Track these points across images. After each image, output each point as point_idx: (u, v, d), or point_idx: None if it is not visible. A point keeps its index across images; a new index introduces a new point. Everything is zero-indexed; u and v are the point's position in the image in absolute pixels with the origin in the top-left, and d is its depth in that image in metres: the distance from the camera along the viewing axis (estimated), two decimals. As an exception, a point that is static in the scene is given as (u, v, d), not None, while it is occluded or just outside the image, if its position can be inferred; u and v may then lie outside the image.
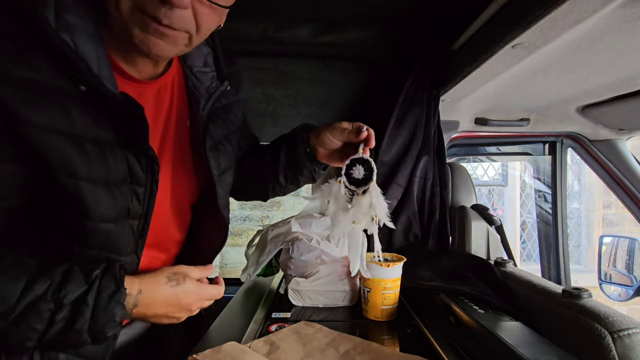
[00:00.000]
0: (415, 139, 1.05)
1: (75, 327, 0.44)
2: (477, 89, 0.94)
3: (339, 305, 0.79)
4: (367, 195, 0.61)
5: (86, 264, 0.47)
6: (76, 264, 0.46)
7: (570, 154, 1.37)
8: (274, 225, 0.89)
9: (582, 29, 0.59)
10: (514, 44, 0.64)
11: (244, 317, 0.73)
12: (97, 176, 0.49)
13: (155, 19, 0.48)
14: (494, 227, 0.97)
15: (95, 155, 0.48)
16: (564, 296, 0.60)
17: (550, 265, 1.44)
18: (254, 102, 1.20)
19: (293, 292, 0.79)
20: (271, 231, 0.87)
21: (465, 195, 1.07)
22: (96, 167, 0.48)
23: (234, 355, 0.53)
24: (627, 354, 0.48)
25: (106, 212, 0.50)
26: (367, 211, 0.61)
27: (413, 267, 0.84)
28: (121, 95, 0.50)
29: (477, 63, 0.76)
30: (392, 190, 1.03)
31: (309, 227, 0.84)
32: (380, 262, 0.71)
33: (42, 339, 0.43)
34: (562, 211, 1.41)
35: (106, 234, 0.51)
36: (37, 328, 0.42)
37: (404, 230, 1.05)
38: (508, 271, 0.78)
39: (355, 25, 0.96)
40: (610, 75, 0.84)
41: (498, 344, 0.52)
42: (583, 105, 1.08)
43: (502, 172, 3.49)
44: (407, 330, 0.68)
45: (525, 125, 1.21)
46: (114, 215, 0.51)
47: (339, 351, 0.57)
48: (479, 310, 0.64)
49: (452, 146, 1.41)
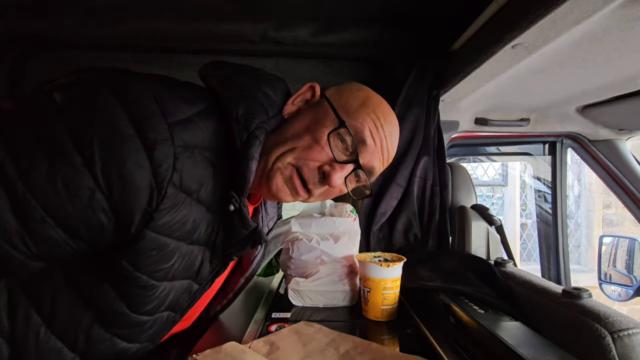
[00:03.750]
0: (415, 139, 1.05)
1: None
2: (477, 89, 0.94)
3: (339, 305, 0.79)
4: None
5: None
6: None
7: (570, 154, 1.37)
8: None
9: (582, 29, 0.59)
10: (514, 44, 0.64)
11: (244, 317, 0.73)
12: (176, 277, 0.50)
13: (306, 187, 0.54)
14: (494, 227, 0.97)
15: (185, 255, 0.50)
16: (564, 296, 0.60)
17: (550, 265, 1.44)
18: None
19: (293, 292, 0.79)
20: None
21: (465, 195, 1.07)
22: (179, 270, 0.50)
23: (234, 355, 0.53)
24: (627, 354, 0.48)
25: (155, 307, 0.51)
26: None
27: (413, 267, 0.84)
28: (254, 223, 0.53)
29: (477, 63, 0.76)
30: (392, 190, 1.03)
31: (309, 227, 0.84)
32: (380, 262, 0.71)
33: None
34: (562, 211, 1.41)
35: (137, 325, 0.51)
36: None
37: (404, 230, 1.05)
38: (508, 271, 0.78)
39: (355, 25, 0.96)
40: (610, 75, 0.84)
41: (498, 344, 0.52)
42: (583, 105, 1.08)
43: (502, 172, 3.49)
44: (407, 330, 0.68)
45: (525, 125, 1.21)
46: (157, 309, 0.52)
47: (339, 351, 0.57)
48: (479, 310, 0.64)
49: (452, 146, 1.41)
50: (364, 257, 0.75)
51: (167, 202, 0.44)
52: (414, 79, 1.04)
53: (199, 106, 0.49)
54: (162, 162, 0.43)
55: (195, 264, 0.52)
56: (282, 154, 0.54)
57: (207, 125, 0.48)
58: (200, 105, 0.49)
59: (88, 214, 0.42)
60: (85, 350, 0.48)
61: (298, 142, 0.54)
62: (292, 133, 0.55)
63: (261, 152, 0.53)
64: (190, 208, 0.47)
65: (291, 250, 0.79)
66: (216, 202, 0.50)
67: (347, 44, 1.05)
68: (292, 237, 0.81)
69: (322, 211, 0.95)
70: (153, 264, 0.47)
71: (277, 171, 0.54)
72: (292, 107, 0.56)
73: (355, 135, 0.54)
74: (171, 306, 0.53)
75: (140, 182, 0.42)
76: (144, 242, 0.45)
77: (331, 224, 0.85)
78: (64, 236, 0.42)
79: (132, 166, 0.41)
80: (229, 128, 0.50)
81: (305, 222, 0.85)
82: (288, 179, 0.54)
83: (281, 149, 0.54)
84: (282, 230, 0.85)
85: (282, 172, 0.54)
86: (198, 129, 0.47)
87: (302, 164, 0.54)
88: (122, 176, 0.41)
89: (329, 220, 0.86)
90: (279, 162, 0.54)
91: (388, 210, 1.04)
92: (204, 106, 0.49)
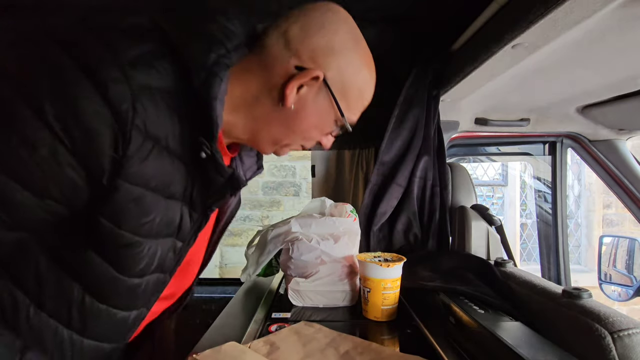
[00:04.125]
0: (415, 139, 1.05)
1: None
2: (477, 89, 0.94)
3: (339, 305, 0.79)
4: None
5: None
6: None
7: (570, 154, 1.37)
8: (274, 225, 0.89)
9: (583, 29, 0.59)
10: (514, 44, 0.64)
11: (244, 317, 0.73)
12: (159, 233, 0.49)
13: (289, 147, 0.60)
14: (494, 227, 0.97)
15: (164, 211, 0.48)
16: (564, 296, 0.60)
17: (550, 265, 1.44)
18: None
19: (293, 292, 0.79)
20: (271, 231, 0.87)
21: (465, 195, 1.07)
22: (161, 226, 0.48)
23: (234, 355, 0.53)
24: (627, 354, 0.48)
25: (145, 267, 0.49)
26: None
27: (413, 267, 0.84)
28: (230, 169, 0.52)
29: (477, 63, 0.76)
30: (392, 190, 1.03)
31: (309, 227, 0.84)
32: (380, 262, 0.71)
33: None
34: (562, 211, 1.41)
35: (128, 289, 0.49)
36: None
37: (404, 230, 1.05)
38: (508, 271, 0.78)
39: (355, 25, 0.96)
40: (611, 75, 0.84)
41: (498, 344, 0.52)
42: (583, 105, 1.08)
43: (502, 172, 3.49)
44: (407, 330, 0.68)
45: (525, 125, 1.21)
46: (147, 269, 0.50)
47: (339, 351, 0.57)
48: (479, 310, 0.64)
49: (452, 146, 1.41)
50: (364, 257, 0.75)
51: (133, 147, 0.42)
52: (414, 79, 1.04)
53: (150, 44, 0.45)
54: (120, 102, 0.40)
55: (175, 220, 0.51)
56: (287, 144, 0.59)
57: (162, 65, 0.45)
58: (151, 43, 0.46)
59: (55, 171, 0.40)
60: (82, 326, 0.47)
61: (306, 136, 0.58)
62: (301, 128, 0.56)
63: (266, 138, 0.57)
64: (161, 159, 0.45)
65: (291, 250, 0.79)
66: (187, 152, 0.48)
67: None
68: (292, 237, 0.81)
69: (322, 211, 0.95)
70: (133, 218, 0.45)
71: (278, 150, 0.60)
72: (295, 96, 0.53)
73: (351, 123, 0.59)
74: (159, 267, 0.52)
75: (100, 127, 0.40)
76: (119, 195, 0.43)
77: (331, 224, 0.85)
78: (34, 199, 0.40)
79: (89, 111, 0.39)
80: (184, 67, 0.46)
81: (305, 222, 0.85)
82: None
83: (289, 139, 0.58)
84: (282, 230, 0.85)
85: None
86: (153, 69, 0.44)
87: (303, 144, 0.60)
88: (80, 124, 0.39)
89: (329, 220, 0.86)
90: (286, 148, 0.60)
91: (388, 210, 1.04)
92: (155, 44, 0.46)
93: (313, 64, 0.52)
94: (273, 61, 0.52)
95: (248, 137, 0.57)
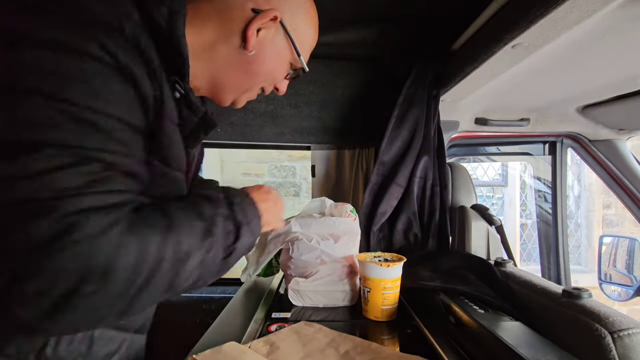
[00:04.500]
0: (415, 139, 1.05)
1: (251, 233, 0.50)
2: (477, 89, 0.94)
3: (339, 305, 0.79)
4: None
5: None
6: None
7: (570, 154, 1.37)
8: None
9: (583, 29, 0.59)
10: (514, 44, 0.64)
11: (244, 317, 0.73)
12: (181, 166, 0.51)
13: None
14: (494, 227, 0.97)
15: (179, 148, 0.50)
16: (564, 296, 0.60)
17: (550, 265, 1.44)
18: (254, 102, 1.20)
19: (293, 292, 0.79)
20: (271, 231, 0.87)
21: (465, 195, 1.07)
22: (180, 159, 0.50)
23: (234, 355, 0.53)
24: (627, 354, 0.48)
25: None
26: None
27: (413, 267, 0.84)
28: (203, 107, 0.53)
29: (477, 63, 0.76)
30: (392, 190, 1.04)
31: (309, 227, 0.84)
32: (380, 262, 0.71)
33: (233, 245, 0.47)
34: (562, 211, 1.41)
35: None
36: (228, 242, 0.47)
37: (404, 230, 1.05)
38: (508, 271, 0.78)
39: (355, 25, 0.96)
40: (611, 75, 0.84)
41: (498, 344, 0.52)
42: (583, 105, 1.08)
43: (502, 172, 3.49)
44: (407, 330, 0.68)
45: (525, 125, 1.21)
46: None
47: (339, 351, 0.57)
48: (479, 310, 0.64)
49: (452, 146, 1.41)
50: (364, 257, 0.75)
51: (163, 84, 0.45)
52: (414, 79, 1.04)
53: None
54: (139, 41, 0.41)
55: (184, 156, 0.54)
56: (247, 90, 0.58)
57: (127, 7, 0.43)
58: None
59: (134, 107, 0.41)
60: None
61: (266, 79, 0.58)
62: (262, 72, 0.56)
63: (227, 86, 0.56)
64: (168, 97, 0.47)
65: (291, 250, 0.79)
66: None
67: (347, 44, 1.05)
68: (292, 237, 0.81)
69: (322, 211, 0.95)
70: (168, 150, 0.47)
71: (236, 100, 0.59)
72: (255, 40, 0.53)
73: (305, 63, 0.59)
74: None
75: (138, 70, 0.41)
76: (164, 135, 0.45)
77: (331, 224, 0.85)
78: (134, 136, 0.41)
79: (127, 56, 0.40)
80: (143, 6, 0.45)
81: (305, 222, 0.85)
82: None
83: (248, 84, 0.57)
84: (282, 230, 0.85)
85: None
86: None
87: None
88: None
89: (329, 220, 0.86)
90: (245, 95, 0.59)
91: (388, 210, 1.04)
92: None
93: (269, 5, 0.52)
94: (228, 6, 0.52)
95: (207, 87, 0.56)
